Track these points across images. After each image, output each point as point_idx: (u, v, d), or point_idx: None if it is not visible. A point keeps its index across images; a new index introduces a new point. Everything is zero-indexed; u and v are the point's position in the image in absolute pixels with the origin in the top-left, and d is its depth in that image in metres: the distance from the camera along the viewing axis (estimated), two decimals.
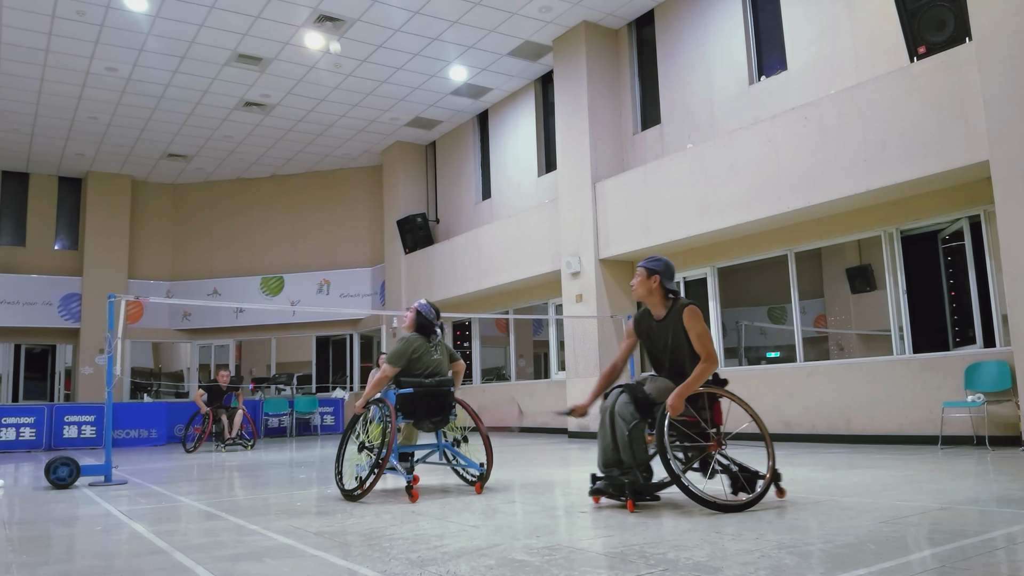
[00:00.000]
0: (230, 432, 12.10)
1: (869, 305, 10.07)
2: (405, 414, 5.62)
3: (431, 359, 5.74)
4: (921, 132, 7.90)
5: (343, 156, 17.98)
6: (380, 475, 5.22)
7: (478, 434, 5.90)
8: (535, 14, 11.76)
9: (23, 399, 17.92)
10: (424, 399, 5.62)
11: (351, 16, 11.57)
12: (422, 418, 5.66)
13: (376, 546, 3.63)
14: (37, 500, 6.09)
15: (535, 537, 3.71)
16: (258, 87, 13.92)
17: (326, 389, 18.38)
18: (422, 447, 5.86)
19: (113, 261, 18.26)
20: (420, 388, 5.61)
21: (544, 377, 14.52)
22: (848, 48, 9.30)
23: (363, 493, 5.24)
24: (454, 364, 6.03)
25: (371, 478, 5.21)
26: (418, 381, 5.61)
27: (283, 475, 7.65)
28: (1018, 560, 2.96)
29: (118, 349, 7.20)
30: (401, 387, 5.62)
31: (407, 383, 5.61)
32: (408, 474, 5.36)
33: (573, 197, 12.17)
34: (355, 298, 18.16)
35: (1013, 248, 6.89)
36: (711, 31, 11.06)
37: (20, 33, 11.69)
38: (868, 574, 2.78)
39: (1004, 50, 6.97)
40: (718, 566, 2.97)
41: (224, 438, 12.05)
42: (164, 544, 3.88)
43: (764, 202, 9.43)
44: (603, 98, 12.27)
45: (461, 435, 5.86)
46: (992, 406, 7.71)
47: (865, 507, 4.29)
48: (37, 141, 16.22)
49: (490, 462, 5.75)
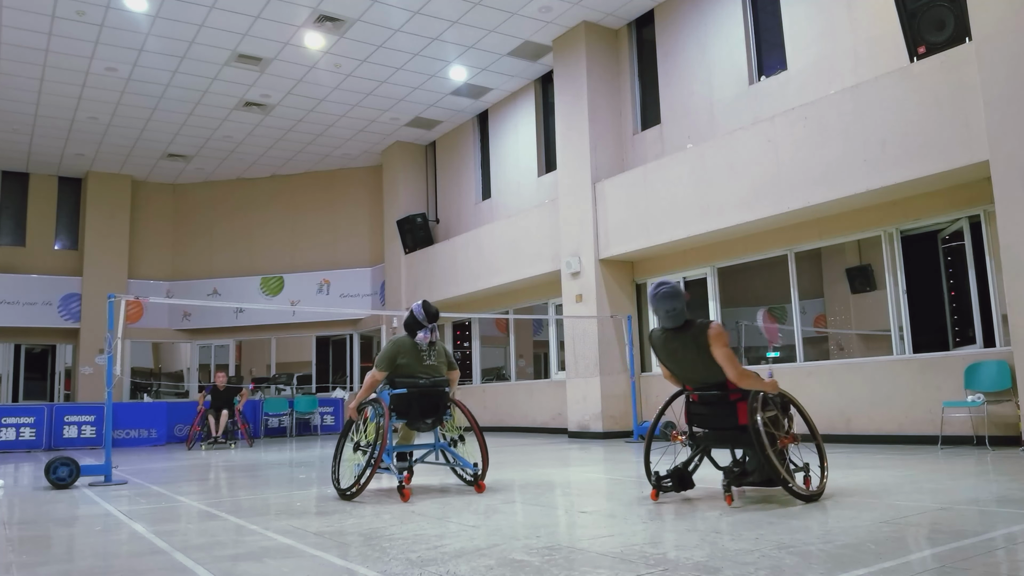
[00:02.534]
0: (216, 431, 12.33)
1: (869, 305, 10.07)
2: (399, 414, 5.62)
3: (422, 365, 5.69)
4: (921, 132, 7.90)
5: (343, 156, 17.98)
6: (373, 473, 5.26)
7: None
8: (535, 14, 11.76)
9: (23, 399, 17.92)
10: (418, 399, 5.62)
11: (351, 16, 11.57)
12: (416, 418, 5.66)
13: (376, 546, 3.63)
14: (37, 500, 6.09)
15: (535, 537, 3.71)
16: (258, 87, 13.92)
17: (326, 389, 18.38)
18: (420, 447, 5.87)
19: (113, 261, 18.26)
20: (415, 388, 5.61)
21: (544, 377, 14.52)
22: (848, 48, 9.30)
23: (358, 491, 5.29)
24: (450, 372, 5.97)
25: (365, 476, 5.26)
26: (412, 381, 5.61)
27: (283, 475, 7.65)
28: (1018, 560, 2.96)
29: (118, 349, 7.20)
30: (396, 387, 5.62)
31: (401, 383, 5.62)
32: (400, 474, 5.39)
33: (573, 197, 12.17)
34: (355, 298, 18.16)
35: (1013, 248, 6.89)
36: (711, 31, 11.06)
37: (20, 33, 11.69)
38: (868, 574, 2.78)
39: (1004, 50, 6.97)
40: (718, 566, 2.97)
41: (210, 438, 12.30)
42: (164, 544, 3.88)
43: (764, 202, 9.44)
44: (603, 98, 12.27)
45: (458, 435, 5.85)
46: (992, 406, 7.71)
47: (865, 507, 4.29)
48: (37, 141, 16.22)
49: (485, 463, 5.76)
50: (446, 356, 5.98)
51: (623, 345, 11.74)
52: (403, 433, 6.00)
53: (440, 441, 5.82)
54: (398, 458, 5.84)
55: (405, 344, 5.72)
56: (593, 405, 11.65)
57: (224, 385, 12.78)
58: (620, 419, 11.62)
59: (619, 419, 11.62)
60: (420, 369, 5.69)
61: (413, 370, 5.66)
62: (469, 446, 5.78)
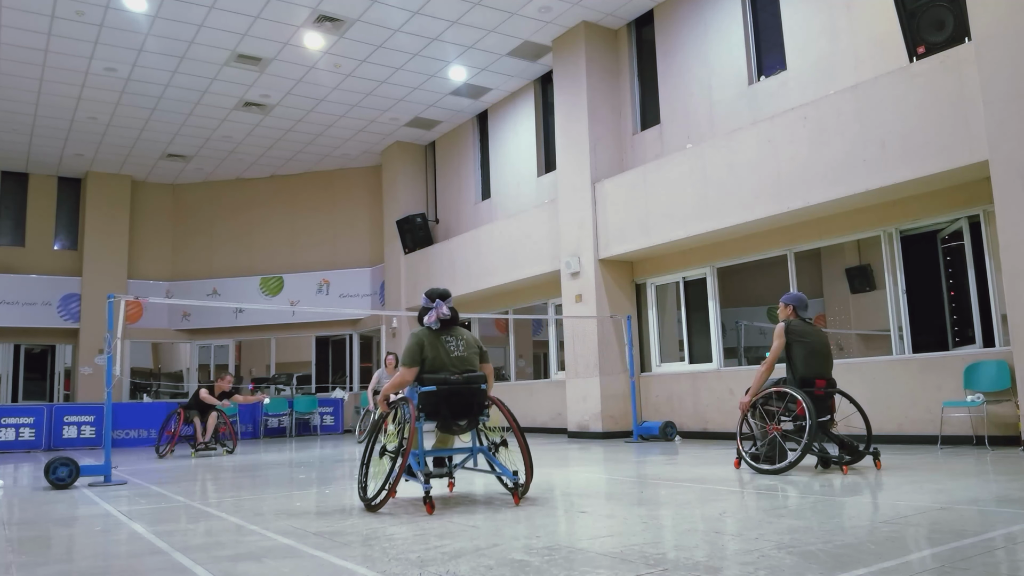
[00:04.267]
0: (203, 436, 11.29)
1: (869, 305, 10.08)
2: (429, 415, 4.97)
3: (451, 357, 5.04)
4: (920, 132, 7.90)
5: (342, 156, 17.98)
6: (397, 482, 4.72)
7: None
8: (535, 14, 11.76)
9: (23, 399, 17.92)
10: (448, 398, 4.95)
11: (351, 16, 11.57)
12: (447, 419, 4.99)
13: (376, 546, 3.63)
14: (37, 500, 6.08)
15: (535, 537, 3.71)
16: (257, 87, 13.92)
17: (326, 389, 18.38)
18: (460, 451, 5.26)
19: (112, 261, 18.26)
20: (444, 386, 4.94)
21: (544, 377, 14.53)
22: (848, 48, 9.30)
23: (381, 502, 4.74)
24: (482, 366, 5.26)
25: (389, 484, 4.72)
26: (442, 378, 4.94)
27: (283, 475, 7.64)
28: (1018, 560, 2.96)
29: (117, 349, 7.20)
30: (424, 384, 4.96)
31: (430, 380, 4.95)
32: (427, 483, 4.69)
33: (572, 197, 12.18)
34: (355, 298, 18.16)
35: (1012, 248, 6.89)
36: (710, 31, 11.06)
37: (19, 33, 11.68)
38: (868, 574, 2.78)
39: (1003, 50, 6.97)
40: (718, 566, 2.97)
41: (196, 442, 11.25)
42: (164, 544, 3.88)
43: (763, 202, 9.44)
44: (602, 98, 12.27)
45: (500, 438, 5.16)
46: (991, 406, 7.71)
47: (865, 507, 4.29)
48: (36, 141, 16.21)
49: (529, 473, 5.05)
50: (477, 346, 5.29)
51: (623, 345, 11.74)
52: (439, 436, 5.40)
53: (477, 445, 5.17)
54: (436, 464, 5.30)
55: (426, 335, 5.08)
56: (593, 405, 11.65)
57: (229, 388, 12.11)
58: (620, 419, 11.62)
59: (619, 419, 11.62)
60: (449, 362, 5.02)
61: (442, 364, 5.00)
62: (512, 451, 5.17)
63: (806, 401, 5.85)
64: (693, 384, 11.07)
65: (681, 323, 11.57)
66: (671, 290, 11.93)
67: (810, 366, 6.18)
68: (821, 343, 6.31)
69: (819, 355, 6.24)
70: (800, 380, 6.16)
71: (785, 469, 5.87)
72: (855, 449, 6.13)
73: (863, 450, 6.13)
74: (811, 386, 6.11)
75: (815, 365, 6.20)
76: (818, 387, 6.12)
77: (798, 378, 6.18)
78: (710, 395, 10.78)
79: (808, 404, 5.82)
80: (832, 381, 6.30)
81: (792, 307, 6.45)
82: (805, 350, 6.21)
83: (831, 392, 6.27)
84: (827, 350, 6.34)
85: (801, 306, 6.45)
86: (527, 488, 5.04)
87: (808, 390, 6.06)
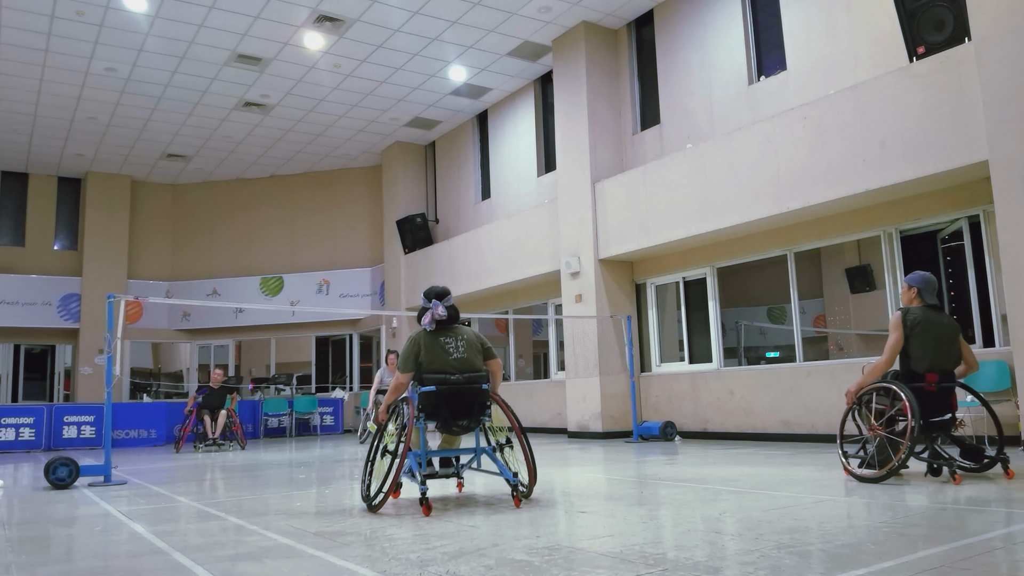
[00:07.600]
0: (213, 433, 11.99)
1: (868, 305, 10.08)
2: (429, 415, 4.92)
3: (448, 359, 4.95)
4: (920, 132, 7.90)
5: (342, 156, 17.97)
6: (395, 482, 4.71)
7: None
8: (534, 14, 11.76)
9: (23, 399, 17.92)
10: (448, 398, 4.88)
11: (351, 16, 11.57)
12: (447, 420, 4.93)
13: (376, 546, 3.63)
14: (37, 500, 6.08)
15: (535, 537, 3.71)
16: (257, 87, 13.92)
17: (326, 389, 18.38)
18: (466, 451, 5.18)
19: (112, 261, 18.26)
20: (444, 385, 4.86)
21: (544, 377, 14.53)
22: (847, 48, 9.30)
23: (381, 502, 4.74)
24: (488, 362, 5.15)
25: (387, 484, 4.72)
26: (442, 378, 4.87)
27: (283, 475, 7.64)
28: (1018, 560, 2.96)
29: (117, 349, 7.19)
30: (424, 384, 4.90)
31: (430, 380, 4.88)
32: (423, 484, 4.65)
33: (572, 197, 12.17)
34: (354, 298, 18.16)
35: (1012, 248, 6.89)
36: (710, 31, 11.06)
37: (19, 33, 11.68)
38: (868, 574, 2.78)
39: (1003, 50, 6.97)
40: (718, 566, 2.97)
41: (205, 439, 11.94)
42: (164, 544, 3.88)
43: (763, 202, 9.44)
44: (602, 98, 12.27)
45: (505, 438, 5.07)
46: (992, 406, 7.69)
47: (865, 507, 4.29)
48: (36, 141, 16.21)
49: (532, 475, 5.01)
50: (480, 345, 5.16)
51: (623, 345, 11.74)
52: (444, 436, 5.34)
53: (480, 445, 5.10)
54: (443, 464, 5.23)
55: (423, 338, 5.00)
56: (593, 405, 11.65)
57: (220, 383, 12.65)
58: (620, 419, 11.62)
59: (619, 419, 11.62)
60: (448, 365, 4.93)
61: (442, 366, 4.92)
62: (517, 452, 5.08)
63: (910, 398, 5.13)
64: (693, 384, 11.07)
65: (681, 323, 11.57)
66: (671, 290, 11.93)
67: (923, 359, 5.38)
68: (944, 334, 5.44)
69: (938, 347, 5.41)
70: (909, 374, 5.42)
71: (885, 477, 5.20)
72: (979, 454, 5.44)
73: (991, 457, 5.37)
74: (921, 380, 5.35)
75: (931, 357, 5.38)
76: (928, 382, 5.34)
77: (906, 371, 5.45)
78: (710, 395, 10.78)
79: (912, 402, 5.11)
80: (949, 375, 5.45)
81: (917, 289, 5.57)
82: (922, 341, 5.39)
83: (947, 387, 5.43)
84: (949, 341, 5.46)
85: (928, 289, 5.55)
86: (530, 491, 5.01)
87: (917, 385, 5.32)
